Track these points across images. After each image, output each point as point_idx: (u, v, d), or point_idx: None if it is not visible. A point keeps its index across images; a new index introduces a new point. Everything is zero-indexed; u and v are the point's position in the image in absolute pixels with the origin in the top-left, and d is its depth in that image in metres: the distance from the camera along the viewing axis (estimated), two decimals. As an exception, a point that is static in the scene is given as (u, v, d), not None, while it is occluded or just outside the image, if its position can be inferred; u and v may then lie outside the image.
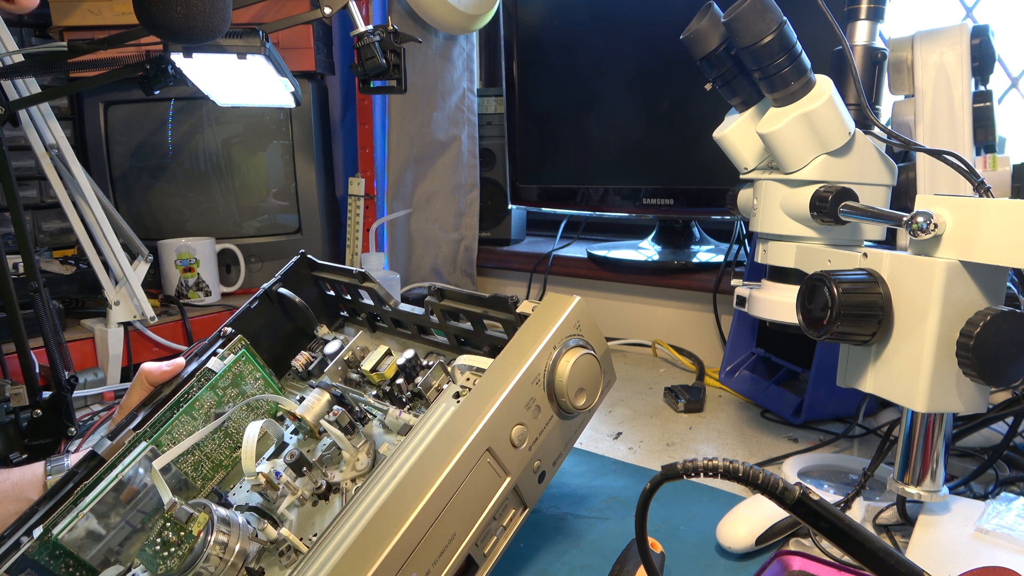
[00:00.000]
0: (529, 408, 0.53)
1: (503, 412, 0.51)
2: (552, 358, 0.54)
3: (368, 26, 0.90)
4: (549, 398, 0.54)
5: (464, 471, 0.48)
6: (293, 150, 1.32)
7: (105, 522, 0.56)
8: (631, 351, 1.28)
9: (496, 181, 1.53)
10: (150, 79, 0.84)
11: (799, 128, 0.64)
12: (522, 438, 0.52)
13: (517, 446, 0.52)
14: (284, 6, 1.20)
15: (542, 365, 0.54)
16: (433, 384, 0.62)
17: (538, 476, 0.55)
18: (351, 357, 0.70)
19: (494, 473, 0.51)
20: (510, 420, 0.52)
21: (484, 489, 0.50)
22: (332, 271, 0.77)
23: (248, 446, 0.57)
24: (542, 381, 0.54)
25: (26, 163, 1.25)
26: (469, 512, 0.49)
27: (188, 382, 0.67)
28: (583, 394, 0.55)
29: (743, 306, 0.76)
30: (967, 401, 0.55)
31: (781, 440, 0.88)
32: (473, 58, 1.47)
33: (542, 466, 0.55)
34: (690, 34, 0.68)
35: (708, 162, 1.11)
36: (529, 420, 0.53)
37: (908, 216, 0.54)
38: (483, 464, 0.50)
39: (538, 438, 0.54)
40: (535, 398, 0.53)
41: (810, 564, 0.55)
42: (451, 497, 0.48)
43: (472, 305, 0.63)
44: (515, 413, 0.52)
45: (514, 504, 0.54)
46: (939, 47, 0.74)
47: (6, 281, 0.79)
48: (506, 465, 0.51)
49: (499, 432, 0.51)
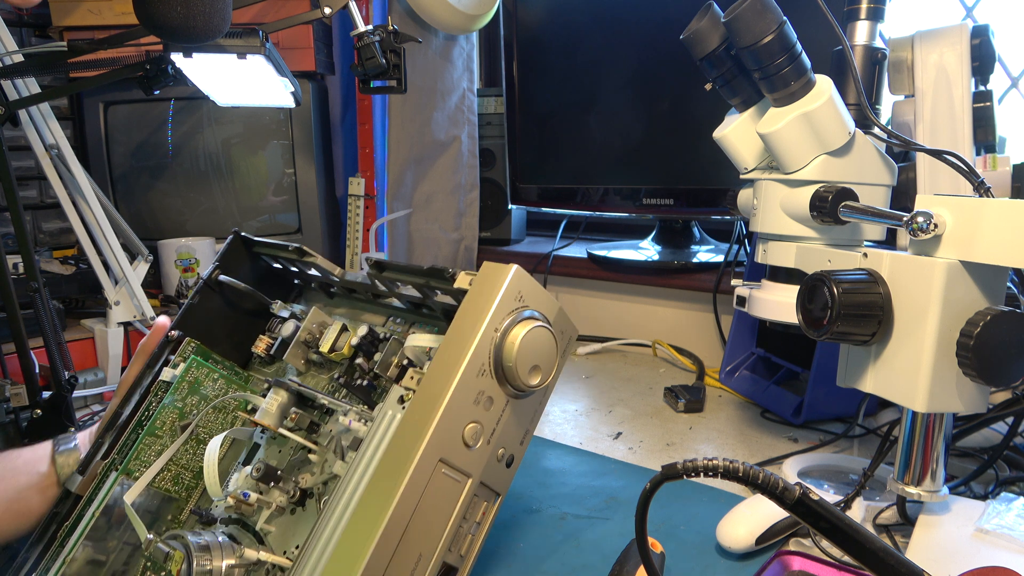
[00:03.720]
0: (479, 403, 0.49)
1: (450, 417, 0.47)
2: (496, 341, 0.49)
3: (368, 26, 0.90)
4: (500, 384, 0.50)
5: (418, 488, 0.46)
6: (293, 150, 1.32)
7: (103, 547, 0.56)
8: (631, 351, 1.28)
9: (496, 181, 1.53)
10: (150, 79, 0.85)
11: (799, 128, 0.63)
12: (477, 436, 0.49)
13: (472, 446, 0.49)
14: (284, 6, 1.20)
15: (485, 352, 0.49)
16: (392, 362, 0.59)
17: (505, 462, 0.52)
18: (309, 337, 0.66)
19: (452, 480, 0.48)
20: (459, 422, 0.48)
21: (445, 499, 0.48)
22: (270, 248, 0.72)
23: (210, 469, 0.55)
24: (488, 369, 0.49)
25: (26, 163, 1.24)
26: (433, 526, 0.47)
27: (146, 399, 0.65)
28: (537, 371, 0.51)
29: (743, 306, 0.76)
30: (967, 401, 0.55)
31: (781, 440, 0.88)
32: (473, 58, 1.47)
33: (507, 452, 0.52)
34: (690, 34, 0.68)
35: (708, 162, 1.11)
36: (481, 415, 0.49)
37: (908, 216, 0.54)
38: (438, 476, 0.47)
39: (495, 429, 0.51)
40: (483, 390, 0.49)
41: (810, 564, 0.55)
42: (409, 518, 0.45)
43: (413, 276, 0.59)
44: (464, 413, 0.48)
45: (485, 497, 0.52)
46: (939, 47, 0.74)
47: (6, 281, 0.79)
48: (464, 468, 0.49)
49: (449, 438, 0.47)
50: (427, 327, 0.63)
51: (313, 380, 0.66)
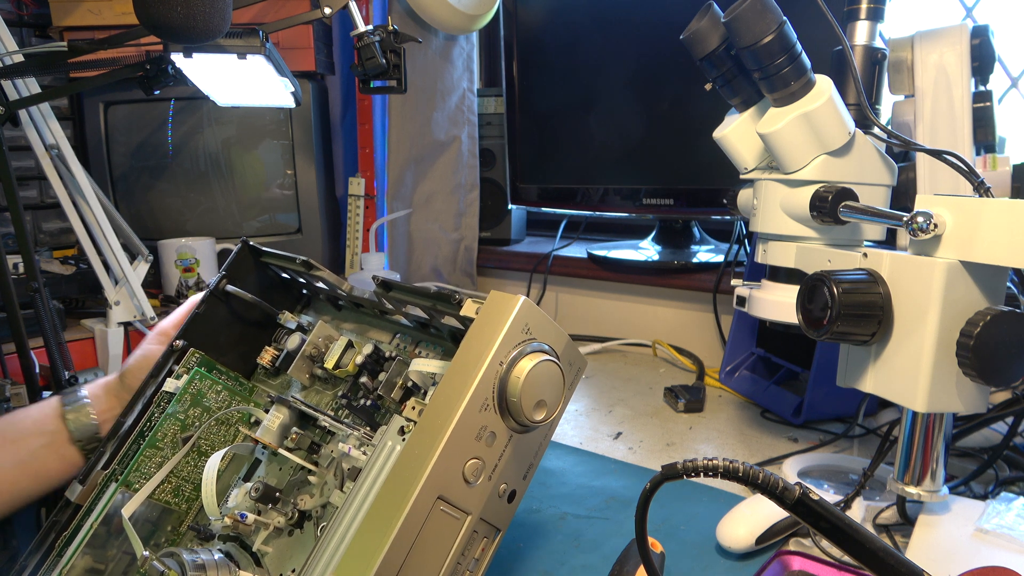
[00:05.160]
0: (481, 439, 0.48)
1: (450, 453, 0.46)
2: (501, 375, 0.48)
3: (368, 26, 0.90)
4: (503, 418, 0.49)
5: (415, 525, 0.44)
6: (293, 150, 1.32)
7: (102, 555, 0.55)
8: (631, 351, 1.28)
9: (496, 181, 1.53)
10: (150, 79, 0.85)
11: (799, 128, 0.64)
12: (477, 473, 0.48)
13: (472, 483, 0.47)
14: (284, 6, 1.20)
15: (489, 386, 0.48)
16: (396, 383, 0.58)
17: (506, 498, 0.51)
18: (314, 351, 0.66)
19: (450, 518, 0.47)
20: (460, 459, 0.47)
21: (442, 537, 0.47)
22: (278, 258, 0.70)
23: (207, 487, 0.54)
24: (492, 404, 0.48)
25: (26, 163, 1.25)
26: (429, 564, 0.46)
27: (148, 408, 0.64)
28: (543, 407, 0.50)
29: (743, 306, 0.76)
30: (967, 401, 0.55)
31: (781, 440, 0.88)
32: (473, 58, 1.47)
33: (508, 488, 0.51)
34: (690, 34, 0.68)
35: (708, 162, 1.11)
36: (483, 451, 0.48)
37: (908, 216, 0.54)
38: (436, 513, 0.46)
39: (497, 465, 0.49)
40: (486, 426, 0.48)
41: (810, 564, 0.55)
42: (406, 555, 0.44)
43: (419, 299, 0.58)
44: (465, 449, 0.47)
45: (484, 533, 0.50)
46: (939, 47, 0.74)
47: (6, 281, 0.79)
48: (463, 506, 0.47)
49: (449, 475, 0.46)
50: (434, 346, 0.63)
51: (317, 396, 0.66)
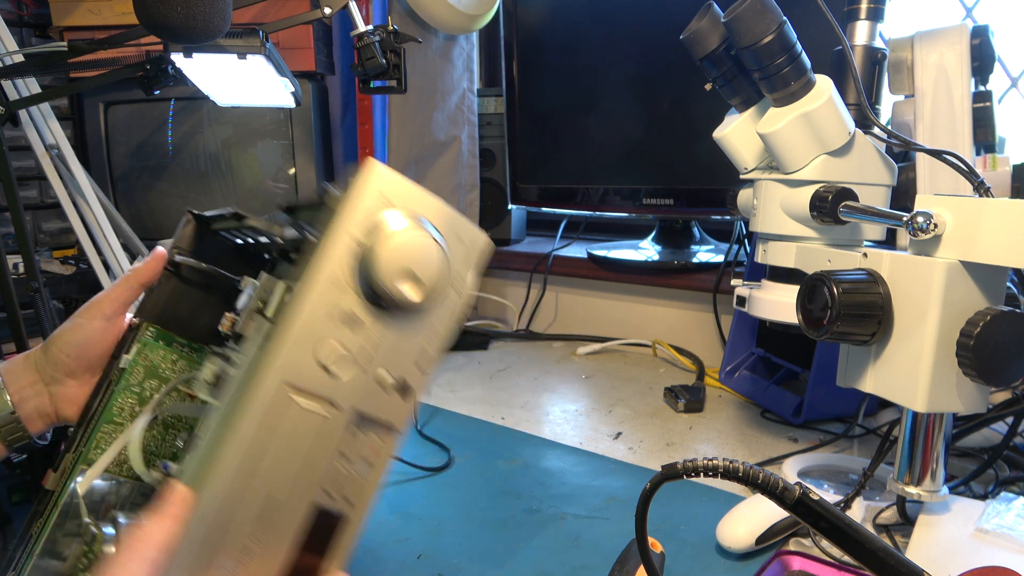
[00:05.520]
0: (335, 319, 0.43)
1: (297, 337, 0.42)
2: (354, 253, 0.44)
3: (368, 26, 0.90)
4: (363, 297, 0.44)
5: (265, 418, 0.41)
6: (293, 150, 1.32)
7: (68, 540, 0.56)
8: (631, 351, 1.28)
9: (496, 181, 1.53)
10: (150, 79, 0.84)
11: (799, 128, 0.64)
12: (340, 360, 0.43)
13: (333, 371, 0.43)
14: (284, 6, 1.20)
15: (342, 265, 0.43)
16: None
17: (395, 391, 0.46)
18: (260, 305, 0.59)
19: (311, 413, 0.43)
20: (308, 341, 0.43)
21: (305, 431, 0.43)
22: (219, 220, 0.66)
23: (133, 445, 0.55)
24: (347, 283, 0.44)
25: (26, 163, 1.24)
26: (286, 464, 0.42)
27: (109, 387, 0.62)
28: (414, 282, 0.44)
29: (743, 306, 0.76)
30: (967, 401, 0.55)
31: (781, 440, 0.88)
32: (473, 58, 1.47)
33: (395, 381, 0.46)
34: (690, 34, 0.68)
35: (708, 162, 1.11)
36: (343, 335, 0.44)
37: (908, 216, 0.54)
38: (290, 404, 0.42)
39: (368, 351, 0.45)
40: (339, 305, 0.43)
41: (810, 564, 0.55)
42: (263, 453, 0.41)
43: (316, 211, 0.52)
44: (314, 331, 0.43)
45: (373, 431, 0.46)
46: (939, 47, 0.74)
47: (6, 281, 0.79)
48: (324, 395, 0.43)
49: (296, 360, 0.42)
50: None
51: None
